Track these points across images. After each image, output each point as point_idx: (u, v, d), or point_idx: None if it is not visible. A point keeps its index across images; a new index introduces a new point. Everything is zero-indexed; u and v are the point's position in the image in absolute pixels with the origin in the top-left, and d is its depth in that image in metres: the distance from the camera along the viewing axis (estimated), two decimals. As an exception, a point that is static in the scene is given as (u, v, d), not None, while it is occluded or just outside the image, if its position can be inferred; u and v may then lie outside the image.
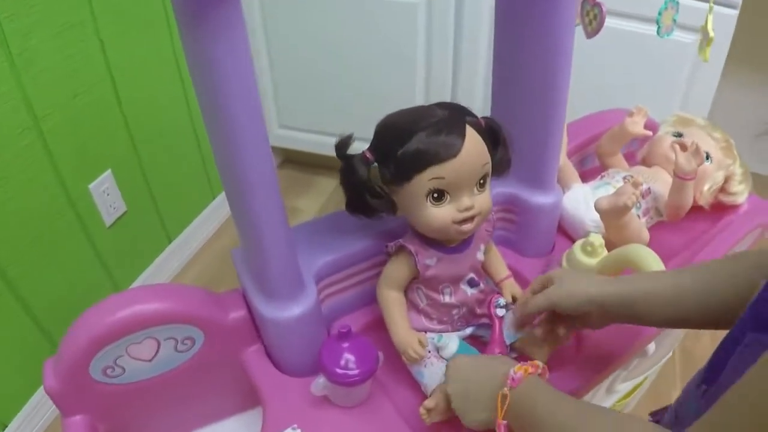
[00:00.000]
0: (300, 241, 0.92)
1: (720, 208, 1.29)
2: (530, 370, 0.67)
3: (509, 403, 0.66)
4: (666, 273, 0.82)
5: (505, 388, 0.66)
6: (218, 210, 2.11)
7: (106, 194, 1.55)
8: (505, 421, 0.66)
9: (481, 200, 0.82)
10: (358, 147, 0.84)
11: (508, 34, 0.98)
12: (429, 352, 0.89)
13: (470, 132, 0.79)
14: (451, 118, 0.80)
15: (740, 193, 1.26)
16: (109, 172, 1.55)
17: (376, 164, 0.82)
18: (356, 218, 0.90)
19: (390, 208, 0.84)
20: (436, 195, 0.79)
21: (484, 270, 0.97)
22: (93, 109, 1.46)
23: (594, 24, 1.02)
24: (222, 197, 2.12)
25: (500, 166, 0.86)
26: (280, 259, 0.81)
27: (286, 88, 2.15)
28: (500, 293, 0.95)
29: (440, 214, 0.80)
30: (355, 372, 0.80)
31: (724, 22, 1.61)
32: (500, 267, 0.98)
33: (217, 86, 0.64)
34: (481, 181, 0.81)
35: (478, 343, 0.97)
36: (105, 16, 1.43)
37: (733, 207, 1.29)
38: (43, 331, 1.45)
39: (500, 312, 0.91)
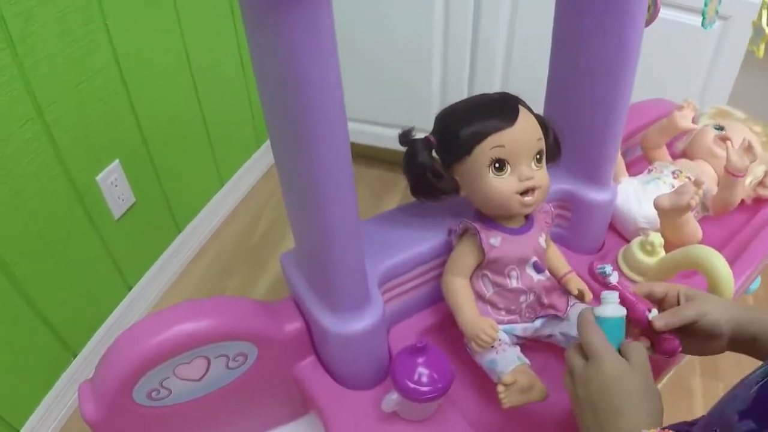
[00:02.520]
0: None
1: (757, 200, 1.28)
2: None
3: None
4: None
5: None
6: (228, 196, 2.04)
7: (114, 186, 1.47)
8: None
9: (540, 175, 0.85)
10: (384, 132, 0.86)
11: (570, 20, 0.94)
12: (499, 340, 0.86)
13: (523, 110, 0.85)
14: (503, 99, 0.87)
15: (779, 186, 1.25)
16: (116, 162, 1.47)
17: (435, 148, 0.87)
18: (408, 218, 0.96)
19: (453, 188, 0.88)
20: (497, 165, 0.83)
21: (546, 267, 0.94)
22: (99, 97, 1.38)
23: (650, 12, 0.98)
24: (232, 183, 2.05)
25: (552, 152, 0.90)
26: (350, 266, 0.77)
27: None
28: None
29: (503, 184, 0.83)
30: (431, 388, 0.76)
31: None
32: (561, 262, 0.96)
33: (298, 82, 0.59)
34: (538, 156, 0.85)
35: (545, 345, 0.93)
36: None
37: (770, 199, 1.27)
38: (53, 331, 1.37)
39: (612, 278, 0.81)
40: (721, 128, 1.24)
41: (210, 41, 1.73)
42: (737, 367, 0.67)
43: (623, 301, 0.74)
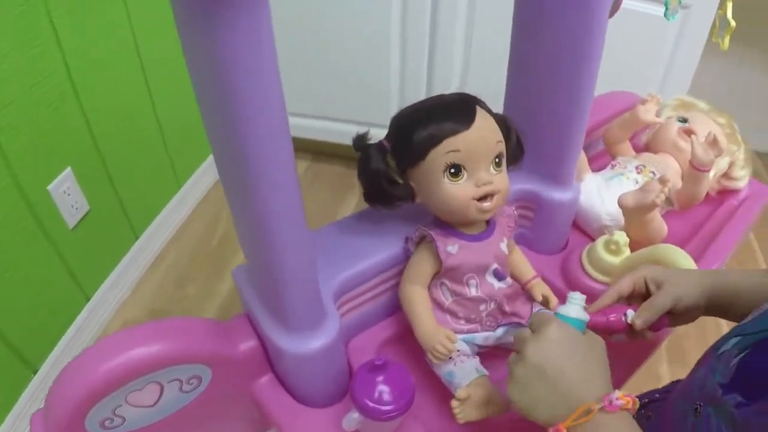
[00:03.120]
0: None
1: (720, 192, 1.27)
2: (630, 405, 0.57)
3: (586, 422, 0.56)
4: (756, 271, 0.78)
5: (596, 404, 0.56)
6: (185, 199, 1.99)
7: (66, 194, 1.42)
8: (564, 431, 0.57)
9: (499, 179, 0.82)
10: (344, 129, 0.83)
11: (529, 11, 0.90)
12: (458, 351, 0.83)
13: (480, 111, 0.81)
14: (460, 100, 0.83)
15: (742, 178, 1.25)
16: (68, 170, 1.42)
17: (390, 153, 0.84)
18: (364, 226, 0.92)
19: (408, 194, 0.85)
20: (453, 170, 0.79)
21: (510, 271, 0.92)
22: (48, 101, 1.32)
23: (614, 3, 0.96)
24: (188, 186, 2.00)
25: (513, 154, 0.88)
26: (301, 284, 0.72)
27: None
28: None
29: (459, 190, 0.80)
30: (392, 407, 0.73)
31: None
32: (526, 267, 0.94)
33: (233, 91, 0.54)
34: (497, 160, 0.81)
35: (505, 354, 0.91)
36: (56, -1, 1.29)
37: (734, 191, 1.26)
38: (11, 347, 1.32)
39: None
40: (684, 120, 1.22)
41: (162, 39, 1.67)
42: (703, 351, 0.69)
43: (598, 326, 0.73)
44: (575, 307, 0.68)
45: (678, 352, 1.61)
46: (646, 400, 0.82)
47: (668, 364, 1.59)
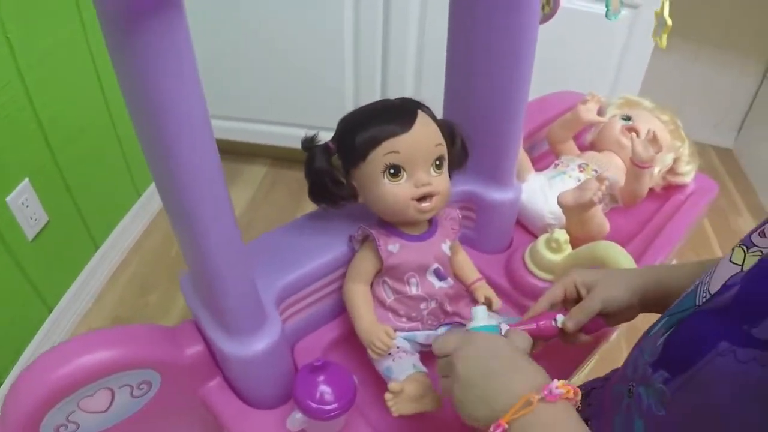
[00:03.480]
0: (253, 262, 0.85)
1: (667, 187, 1.30)
2: (571, 394, 0.57)
3: (527, 413, 0.56)
4: (690, 263, 0.81)
5: (536, 395, 0.56)
6: (145, 208, 1.99)
7: (25, 206, 1.42)
8: (506, 426, 0.57)
9: (439, 181, 0.84)
10: (301, 134, 0.91)
11: (463, 21, 0.93)
12: (398, 347, 0.86)
13: (422, 115, 0.84)
14: (402, 104, 0.86)
15: (688, 173, 1.28)
16: (26, 181, 1.42)
17: (336, 154, 0.87)
18: (310, 229, 0.95)
19: (351, 194, 0.87)
20: (392, 171, 0.82)
21: (454, 274, 0.94)
22: (4, 113, 1.33)
23: (548, 8, 0.99)
24: (148, 194, 2.00)
25: (458, 159, 0.91)
26: (239, 291, 0.74)
27: (204, 76, 2.00)
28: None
29: (398, 190, 0.83)
30: (335, 406, 0.75)
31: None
32: (470, 270, 0.96)
33: (158, 107, 0.56)
34: (437, 163, 0.84)
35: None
36: (7, 7, 1.29)
37: (681, 186, 1.29)
38: (-30, 360, 1.33)
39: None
40: (628, 118, 1.26)
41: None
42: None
43: (530, 333, 0.73)
44: (480, 317, 0.71)
45: (636, 338, 1.63)
46: (590, 388, 0.85)
47: (627, 351, 1.62)
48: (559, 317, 0.77)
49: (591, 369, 1.39)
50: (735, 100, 2.64)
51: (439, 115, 0.92)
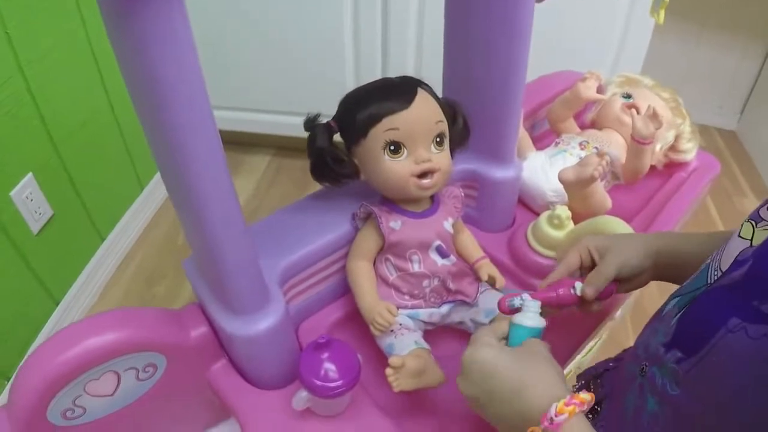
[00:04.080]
0: (257, 243, 0.86)
1: (670, 165, 1.30)
2: (577, 410, 0.55)
3: None
4: (700, 233, 0.80)
5: (538, 429, 0.55)
6: (149, 199, 2.00)
7: (29, 200, 1.43)
8: None
9: (440, 158, 0.85)
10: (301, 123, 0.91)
11: (458, 1, 0.93)
12: (400, 324, 0.86)
13: (423, 93, 0.84)
14: (403, 82, 0.86)
15: (689, 150, 1.27)
16: (30, 175, 1.43)
17: (338, 132, 0.88)
18: (313, 209, 0.96)
19: (353, 172, 0.88)
20: (392, 147, 0.82)
21: (458, 252, 0.94)
22: (5, 109, 1.33)
23: None
24: (152, 185, 2.01)
25: (459, 137, 0.91)
26: (242, 270, 0.74)
27: (206, 67, 1.99)
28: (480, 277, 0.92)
29: (398, 167, 0.83)
30: (339, 383, 0.75)
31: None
32: (474, 248, 0.96)
33: (160, 95, 0.56)
34: (438, 140, 0.84)
35: (456, 332, 0.94)
36: (7, 2, 1.30)
37: (683, 164, 1.29)
38: (-21, 355, 1.34)
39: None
40: (629, 96, 1.25)
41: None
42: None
43: (549, 303, 0.73)
44: (530, 314, 0.67)
45: (642, 318, 1.64)
46: (601, 369, 0.85)
47: (633, 332, 1.62)
48: (578, 284, 0.76)
49: (599, 350, 1.40)
50: (738, 82, 2.63)
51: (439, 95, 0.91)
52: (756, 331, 0.47)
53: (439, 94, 0.91)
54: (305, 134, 0.90)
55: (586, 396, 0.56)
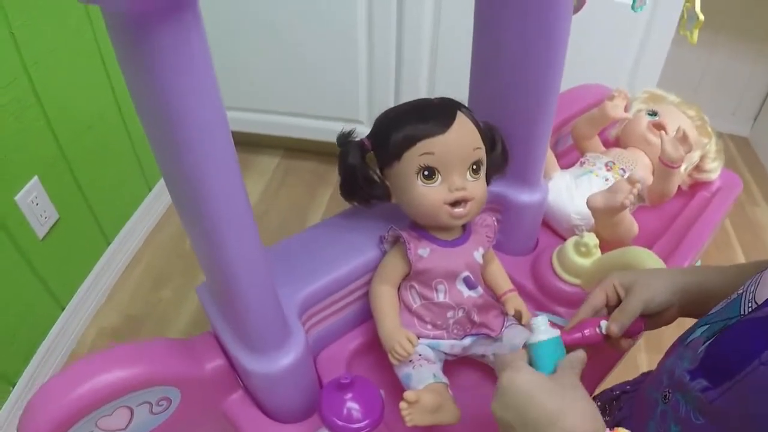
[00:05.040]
0: (275, 270, 0.82)
1: (693, 185, 1.27)
2: None
3: None
4: (729, 267, 0.77)
5: None
6: (156, 202, 1.96)
7: (35, 204, 1.39)
8: None
9: (475, 186, 0.81)
10: (315, 125, 0.83)
11: (490, 16, 0.88)
12: (420, 355, 0.83)
13: (462, 117, 0.81)
14: (442, 104, 0.82)
15: (714, 170, 1.24)
16: (35, 179, 1.39)
17: (371, 151, 0.85)
18: (339, 229, 0.93)
19: (384, 193, 0.85)
20: (426, 173, 0.79)
21: (486, 283, 0.91)
22: (10, 111, 1.30)
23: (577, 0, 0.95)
24: (159, 188, 1.97)
25: (497, 164, 0.88)
26: (261, 307, 0.71)
27: (217, 67, 1.97)
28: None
29: (431, 193, 0.80)
30: (362, 424, 0.72)
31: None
32: (503, 280, 0.93)
33: (180, 139, 0.52)
34: (474, 167, 0.81)
35: (478, 364, 0.91)
36: (14, 5, 1.26)
37: (706, 183, 1.26)
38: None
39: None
40: (654, 114, 1.22)
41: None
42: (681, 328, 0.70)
43: (576, 343, 0.71)
44: (543, 328, 0.65)
45: (656, 341, 1.61)
46: (618, 392, 0.83)
47: (646, 353, 1.60)
48: (603, 323, 0.74)
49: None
50: (752, 88, 2.59)
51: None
52: None
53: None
54: (314, 136, 0.88)
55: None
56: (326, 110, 1.99)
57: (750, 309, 0.54)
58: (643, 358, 1.60)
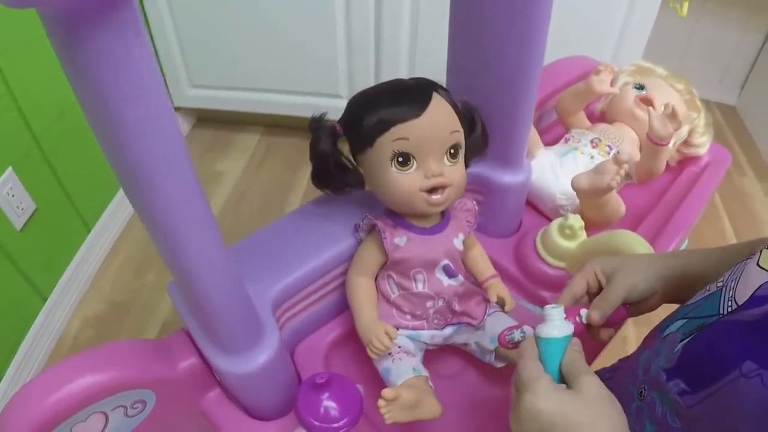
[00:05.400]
0: (245, 266, 0.80)
1: (682, 162, 1.24)
2: None
3: None
4: (713, 249, 0.74)
5: None
6: (136, 186, 1.93)
7: (10, 195, 1.36)
8: None
9: (453, 171, 0.77)
10: (294, 101, 0.79)
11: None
12: (399, 347, 0.80)
13: (438, 99, 0.76)
14: (416, 85, 0.78)
15: (703, 144, 1.21)
16: (9, 170, 1.36)
17: (344, 137, 0.81)
18: (311, 219, 0.89)
19: (357, 181, 0.82)
20: (401, 159, 0.75)
21: (467, 269, 0.89)
22: (-21, 101, 1.26)
23: None
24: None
25: (477, 146, 0.84)
26: (230, 308, 0.68)
27: (194, 45, 1.97)
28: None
29: (406, 180, 0.76)
30: (340, 423, 0.70)
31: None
32: (485, 265, 0.90)
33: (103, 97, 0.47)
34: (452, 151, 0.77)
35: (460, 351, 0.88)
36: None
37: (695, 158, 1.23)
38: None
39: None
40: (641, 87, 1.18)
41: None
42: (667, 310, 0.67)
43: None
44: (556, 323, 0.60)
45: (642, 324, 1.60)
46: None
47: (634, 326, 1.58)
48: (584, 312, 0.70)
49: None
50: (739, 56, 2.55)
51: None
52: None
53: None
54: (295, 112, 0.84)
55: None
56: (306, 86, 1.96)
57: (730, 309, 0.52)
58: (630, 331, 1.58)
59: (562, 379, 0.57)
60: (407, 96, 0.75)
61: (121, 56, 0.43)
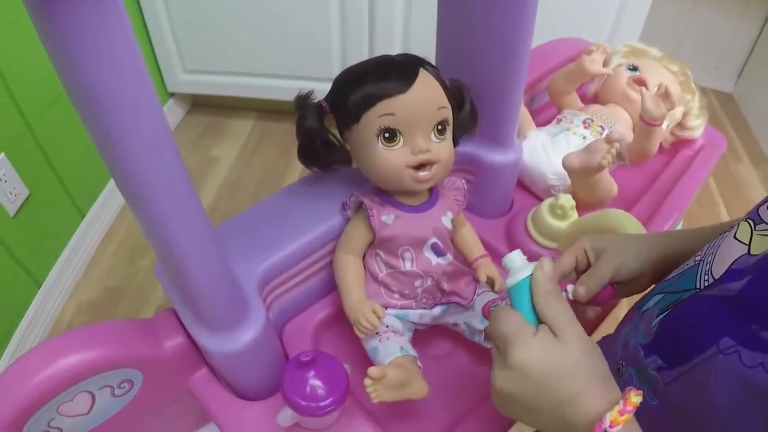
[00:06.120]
0: (231, 245, 0.79)
1: (675, 142, 1.23)
2: (630, 408, 0.48)
3: None
4: (704, 228, 0.73)
5: None
6: (130, 171, 1.93)
7: (3, 181, 1.35)
8: None
9: (440, 148, 0.77)
10: (288, 85, 0.78)
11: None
12: (387, 326, 0.80)
13: (425, 74, 0.75)
14: (403, 61, 0.77)
15: (697, 127, 1.20)
16: (2, 156, 1.35)
17: (330, 114, 0.80)
18: (299, 197, 0.88)
19: (344, 158, 0.82)
20: (387, 135, 0.74)
21: (457, 248, 0.88)
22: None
23: None
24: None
25: (465, 124, 0.83)
26: (214, 285, 0.67)
27: (186, 30, 1.96)
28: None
29: (393, 157, 0.75)
30: (327, 402, 0.70)
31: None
32: (474, 244, 0.89)
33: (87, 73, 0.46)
34: (439, 127, 0.76)
35: (450, 331, 0.88)
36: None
37: (689, 140, 1.22)
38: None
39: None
40: (635, 69, 1.17)
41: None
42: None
43: None
44: (518, 264, 0.59)
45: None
46: None
47: (628, 304, 1.58)
48: (570, 287, 0.71)
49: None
50: (736, 44, 2.53)
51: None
52: (751, 358, 0.43)
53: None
54: (289, 97, 0.82)
55: (637, 399, 0.49)
56: (300, 70, 1.95)
57: (706, 283, 0.51)
58: (624, 312, 1.58)
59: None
60: (394, 71, 0.74)
61: (94, 21, 0.42)
